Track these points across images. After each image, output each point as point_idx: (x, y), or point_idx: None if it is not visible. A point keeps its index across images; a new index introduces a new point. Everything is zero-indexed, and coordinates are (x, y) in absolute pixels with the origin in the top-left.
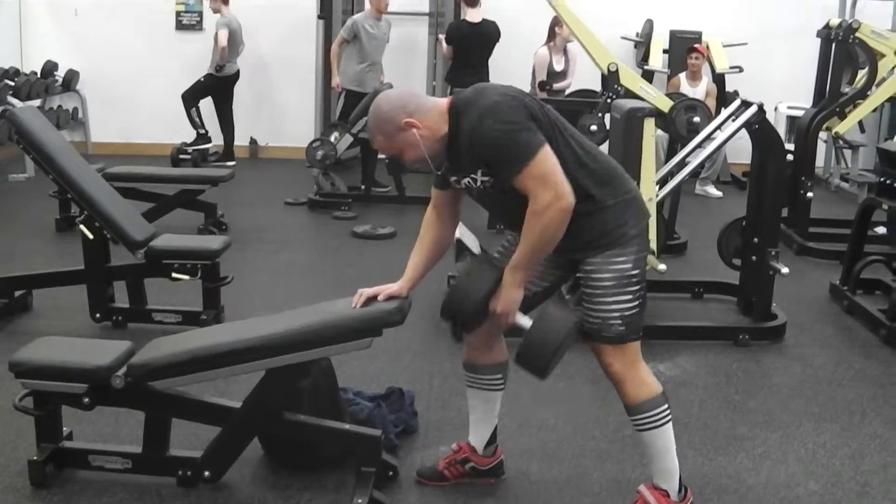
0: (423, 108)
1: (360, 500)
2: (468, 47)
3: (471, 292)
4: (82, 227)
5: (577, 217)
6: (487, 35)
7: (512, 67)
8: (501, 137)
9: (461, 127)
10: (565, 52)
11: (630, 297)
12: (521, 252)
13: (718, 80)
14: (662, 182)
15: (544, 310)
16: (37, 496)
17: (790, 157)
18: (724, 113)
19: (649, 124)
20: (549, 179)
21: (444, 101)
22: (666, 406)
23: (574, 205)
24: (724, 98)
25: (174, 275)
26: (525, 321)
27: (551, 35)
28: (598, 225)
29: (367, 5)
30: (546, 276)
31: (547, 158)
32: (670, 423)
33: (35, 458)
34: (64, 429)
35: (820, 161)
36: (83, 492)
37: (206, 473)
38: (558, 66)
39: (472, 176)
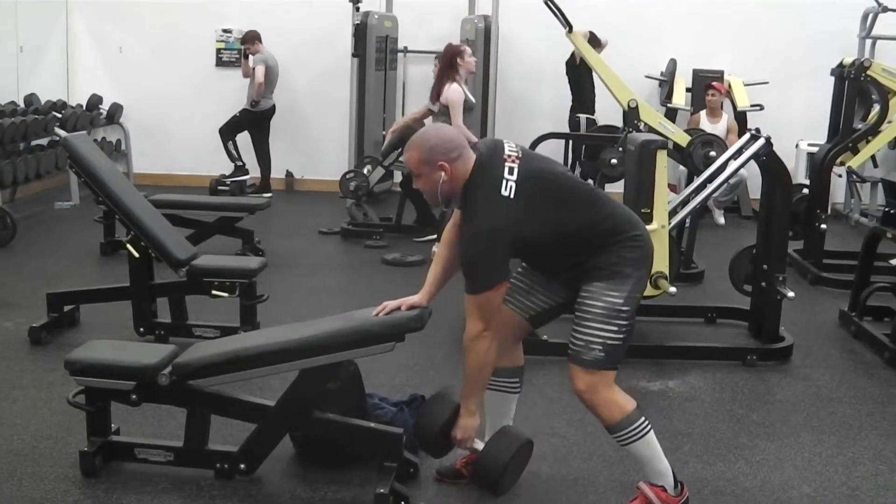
0: (461, 161)
1: (382, 490)
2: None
3: (431, 426)
4: (129, 245)
5: (582, 251)
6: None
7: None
8: (473, 253)
9: (466, 195)
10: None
11: (615, 328)
12: (464, 385)
13: (740, 117)
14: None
15: (498, 433)
16: (86, 484)
17: (806, 190)
18: (734, 146)
19: (661, 156)
20: (485, 314)
21: (472, 161)
22: (642, 419)
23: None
24: None
25: (214, 292)
26: (480, 445)
27: (453, 68)
28: (599, 258)
29: None
30: (561, 292)
31: (494, 298)
32: (650, 433)
33: (86, 449)
34: (112, 425)
35: (840, 197)
36: (128, 482)
37: (242, 466)
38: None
39: None
